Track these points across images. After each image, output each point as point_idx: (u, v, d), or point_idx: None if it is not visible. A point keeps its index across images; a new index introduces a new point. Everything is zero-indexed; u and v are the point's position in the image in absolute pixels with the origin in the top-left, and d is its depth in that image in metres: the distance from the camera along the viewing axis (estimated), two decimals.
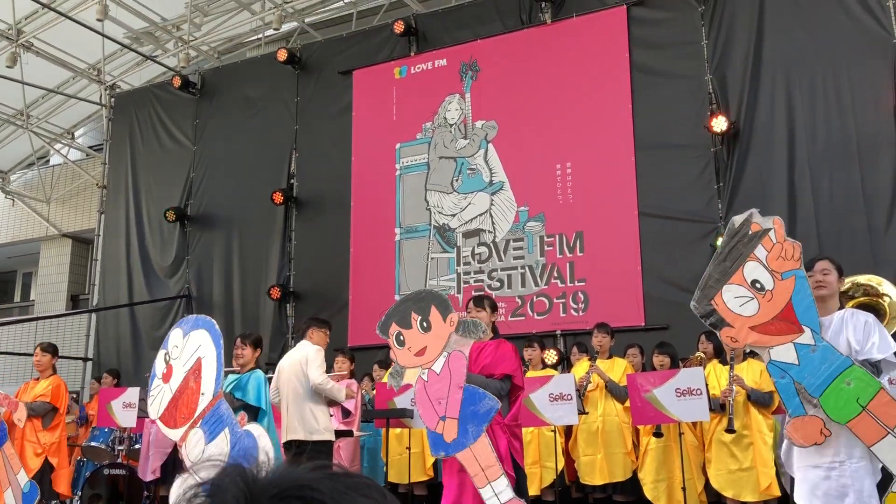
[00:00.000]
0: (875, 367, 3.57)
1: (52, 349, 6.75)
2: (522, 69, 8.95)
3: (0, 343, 12.64)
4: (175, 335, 4.92)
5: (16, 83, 11.35)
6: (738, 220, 3.79)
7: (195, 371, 4.67)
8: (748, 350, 5.82)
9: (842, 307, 3.83)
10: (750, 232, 3.77)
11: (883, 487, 3.59)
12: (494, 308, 5.03)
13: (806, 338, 3.59)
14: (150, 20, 11.12)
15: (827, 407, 3.51)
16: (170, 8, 11.19)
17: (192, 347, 4.77)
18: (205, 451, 4.47)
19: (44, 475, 6.28)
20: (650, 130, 8.15)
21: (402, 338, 4.62)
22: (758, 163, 7.68)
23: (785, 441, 3.84)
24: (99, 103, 12.36)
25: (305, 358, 5.76)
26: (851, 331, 3.64)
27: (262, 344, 5.53)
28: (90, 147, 14.18)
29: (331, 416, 6.02)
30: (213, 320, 4.82)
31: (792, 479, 3.95)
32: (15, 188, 14.51)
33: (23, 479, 5.79)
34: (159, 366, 4.94)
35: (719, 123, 7.65)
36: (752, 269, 3.71)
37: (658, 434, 5.78)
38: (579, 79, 8.63)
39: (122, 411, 7.17)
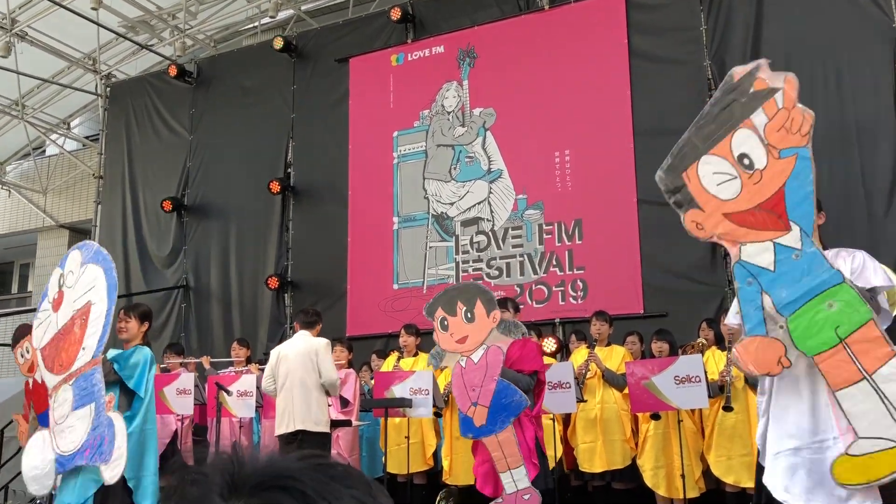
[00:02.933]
0: (871, 296, 2.90)
1: None
2: (520, 56, 8.89)
3: None
4: (73, 258, 4.33)
5: (10, 73, 11.28)
6: (739, 71, 3.01)
7: (83, 315, 4.13)
8: None
9: (825, 249, 3.12)
10: (752, 90, 2.97)
11: None
12: (517, 309, 5.45)
13: (791, 238, 2.84)
14: (146, 8, 11.04)
15: (795, 331, 2.82)
16: None
17: (85, 282, 4.19)
18: (68, 418, 4.03)
19: None
20: (649, 117, 8.11)
21: (446, 323, 4.97)
22: None
23: (760, 422, 3.15)
24: (95, 93, 12.29)
25: (315, 351, 5.79)
26: (842, 262, 2.99)
27: (151, 318, 4.78)
28: (86, 137, 14.12)
29: (329, 405, 6.04)
30: (110, 259, 4.17)
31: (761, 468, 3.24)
32: (11, 179, 14.47)
33: None
34: (52, 287, 4.38)
35: None
36: (743, 140, 2.92)
37: (656, 416, 5.77)
38: (577, 65, 8.58)
39: None
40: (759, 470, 3.26)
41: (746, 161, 2.90)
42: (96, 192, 11.86)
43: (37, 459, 4.16)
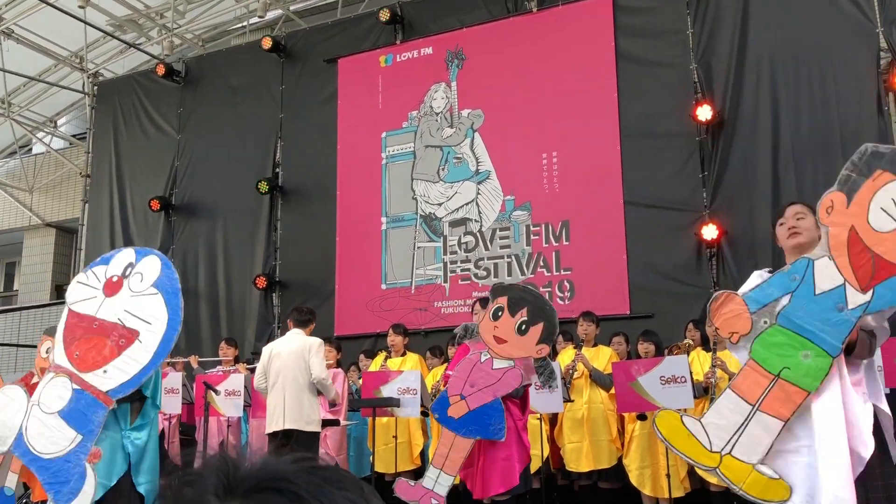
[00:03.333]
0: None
1: None
2: (508, 58, 8.94)
3: None
4: (151, 264, 4.17)
5: None
6: None
7: (125, 337, 3.93)
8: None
9: None
10: None
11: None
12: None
13: (856, 297, 2.87)
14: (133, 7, 11.01)
15: (766, 336, 2.99)
16: None
17: (147, 308, 3.99)
18: (52, 416, 3.87)
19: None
20: (636, 119, 8.17)
21: (500, 314, 4.73)
22: (742, 151, 7.72)
23: None
24: (82, 91, 12.25)
25: (308, 349, 5.77)
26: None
27: None
28: (73, 136, 14.06)
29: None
30: (180, 318, 4.03)
31: None
32: None
33: (11, 480, 5.64)
34: (115, 267, 4.18)
35: (704, 112, 7.67)
36: None
37: (642, 417, 5.82)
38: (565, 67, 8.63)
39: None
40: None
41: None
42: (83, 190, 11.81)
43: (3, 416, 3.99)
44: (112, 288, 4.07)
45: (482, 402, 4.63)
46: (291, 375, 5.71)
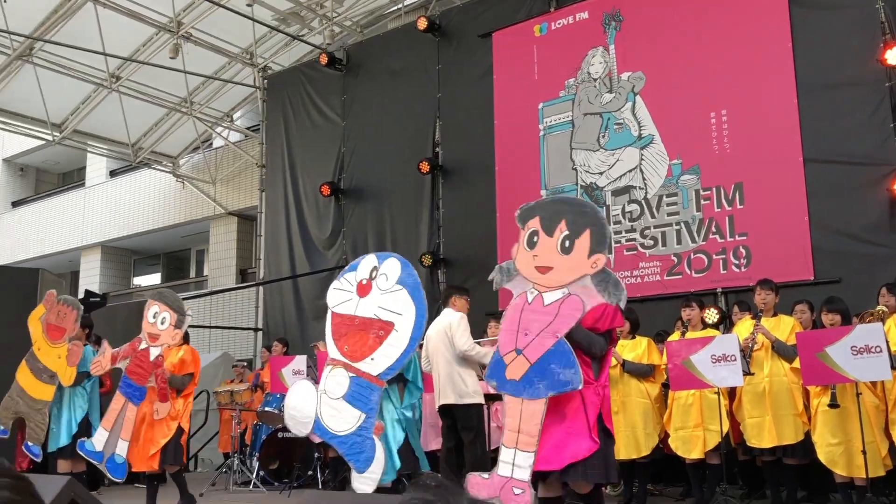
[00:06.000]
0: None
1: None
2: (669, 14, 8.51)
3: None
4: (392, 265, 4.57)
5: (179, 73, 12.09)
6: None
7: (383, 329, 4.42)
8: None
9: None
10: None
11: None
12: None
13: None
14: (296, 0, 11.48)
15: None
16: None
17: (396, 303, 4.44)
18: (339, 401, 4.43)
19: (177, 441, 6.29)
20: (814, 68, 7.55)
21: (535, 239, 3.98)
22: None
23: None
24: (253, 86, 12.96)
25: (450, 325, 6.04)
26: None
27: None
28: (248, 128, 14.93)
29: (481, 379, 6.10)
30: (425, 306, 4.33)
31: None
32: (184, 171, 15.57)
33: (122, 448, 6.02)
34: (362, 271, 4.66)
35: (894, 55, 6.95)
36: None
37: (834, 405, 5.35)
38: (731, 18, 8.10)
39: (293, 378, 7.59)
40: None
41: None
42: (259, 179, 12.54)
43: (301, 406, 4.62)
44: (363, 290, 4.61)
45: (544, 350, 3.75)
46: (439, 353, 6.01)
